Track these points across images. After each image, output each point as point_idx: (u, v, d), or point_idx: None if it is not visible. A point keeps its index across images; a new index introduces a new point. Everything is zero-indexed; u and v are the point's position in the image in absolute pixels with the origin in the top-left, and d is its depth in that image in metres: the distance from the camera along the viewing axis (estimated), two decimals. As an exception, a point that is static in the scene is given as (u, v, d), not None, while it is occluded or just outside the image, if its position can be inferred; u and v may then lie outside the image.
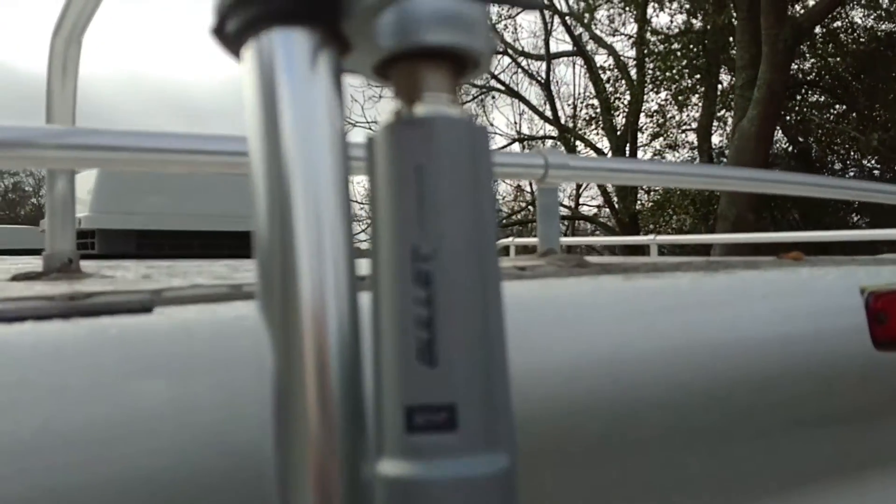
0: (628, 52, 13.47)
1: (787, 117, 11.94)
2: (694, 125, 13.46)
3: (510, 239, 4.11)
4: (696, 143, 13.62)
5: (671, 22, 12.73)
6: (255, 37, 0.28)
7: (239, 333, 0.47)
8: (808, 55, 11.41)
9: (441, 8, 0.28)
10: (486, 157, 0.29)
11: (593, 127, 12.87)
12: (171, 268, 1.20)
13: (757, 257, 1.40)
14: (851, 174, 12.01)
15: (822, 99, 12.06)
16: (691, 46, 11.41)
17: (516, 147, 16.06)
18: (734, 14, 9.91)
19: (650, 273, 0.76)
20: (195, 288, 0.57)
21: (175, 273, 0.96)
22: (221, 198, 3.31)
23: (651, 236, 3.31)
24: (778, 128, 10.90)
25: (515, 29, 13.77)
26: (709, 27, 10.79)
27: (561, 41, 13.82)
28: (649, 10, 12.63)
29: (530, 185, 14.59)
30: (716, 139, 13.40)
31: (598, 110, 12.50)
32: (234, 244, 3.06)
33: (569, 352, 0.59)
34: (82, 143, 0.76)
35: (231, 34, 0.28)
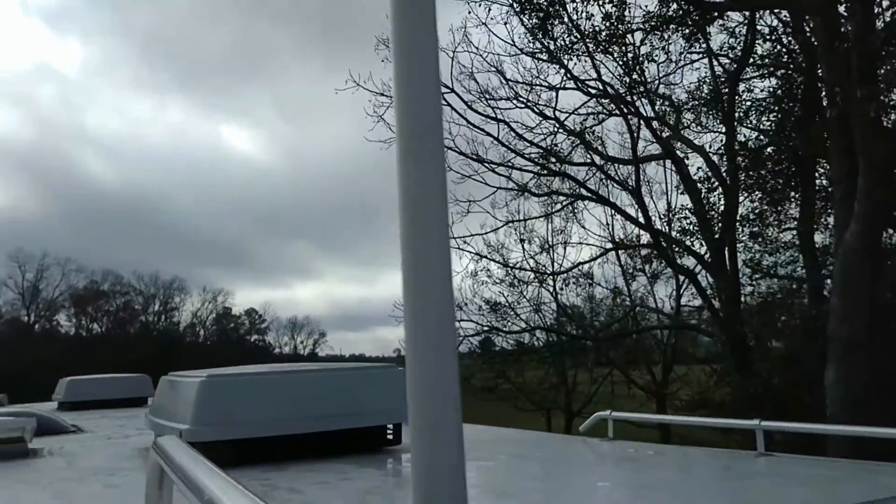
0: (718, 148, 13.24)
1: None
2: (794, 223, 13.01)
3: (608, 412, 3.97)
4: (796, 240, 13.12)
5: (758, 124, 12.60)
6: None
7: None
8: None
9: None
10: None
11: (688, 237, 12.67)
12: None
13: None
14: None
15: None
16: (782, 156, 11.20)
17: (612, 256, 15.91)
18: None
19: None
20: None
21: None
22: (317, 399, 3.37)
23: (756, 421, 3.15)
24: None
25: (602, 138, 13.86)
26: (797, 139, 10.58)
27: (648, 142, 13.76)
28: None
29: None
30: (819, 237, 12.88)
31: (694, 221, 12.33)
32: (333, 442, 3.14)
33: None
34: None
35: None
